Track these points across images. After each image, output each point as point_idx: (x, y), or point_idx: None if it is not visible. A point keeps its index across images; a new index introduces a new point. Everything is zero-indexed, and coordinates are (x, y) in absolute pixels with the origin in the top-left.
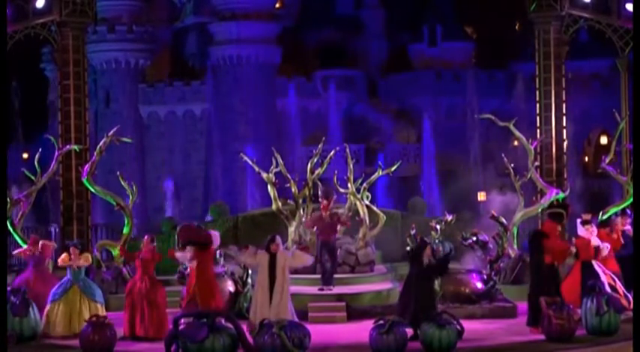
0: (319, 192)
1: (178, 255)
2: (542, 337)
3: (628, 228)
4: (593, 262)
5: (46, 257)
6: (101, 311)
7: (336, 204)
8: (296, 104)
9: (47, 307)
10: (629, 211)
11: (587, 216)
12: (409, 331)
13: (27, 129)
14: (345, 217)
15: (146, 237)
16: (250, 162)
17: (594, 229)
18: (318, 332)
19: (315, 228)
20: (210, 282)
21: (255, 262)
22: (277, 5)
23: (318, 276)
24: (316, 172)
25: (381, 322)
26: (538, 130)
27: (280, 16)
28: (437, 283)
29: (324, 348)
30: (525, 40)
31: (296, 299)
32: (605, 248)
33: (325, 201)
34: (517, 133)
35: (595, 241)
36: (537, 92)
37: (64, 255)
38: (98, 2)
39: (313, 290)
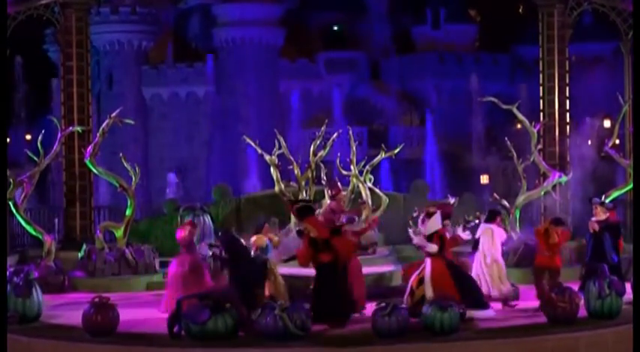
0: (321, 177)
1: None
2: (544, 320)
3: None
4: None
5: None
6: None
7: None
8: (299, 86)
9: None
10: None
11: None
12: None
13: (30, 111)
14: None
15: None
16: (253, 144)
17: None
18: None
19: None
20: None
21: None
22: None
23: None
24: (319, 154)
25: (383, 304)
26: (541, 113)
27: None
28: None
29: (326, 330)
30: (529, 22)
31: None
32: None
33: (340, 190)
34: (520, 116)
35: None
36: (541, 75)
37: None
38: None
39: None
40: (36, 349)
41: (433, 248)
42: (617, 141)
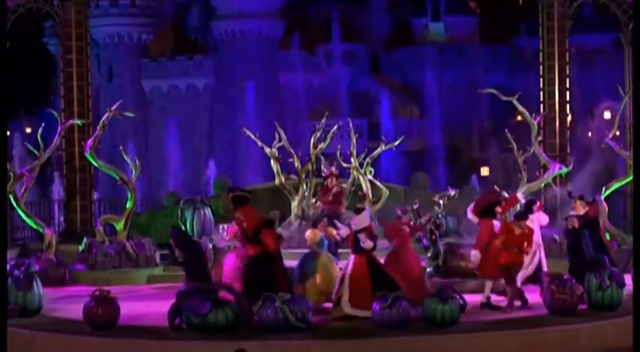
0: (322, 167)
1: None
2: (544, 311)
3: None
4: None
5: None
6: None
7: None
8: (299, 78)
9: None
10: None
11: None
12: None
13: (30, 104)
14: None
15: None
16: (253, 137)
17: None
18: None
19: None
20: None
21: None
22: None
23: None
24: (319, 147)
25: (384, 296)
26: (541, 105)
27: None
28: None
29: (325, 323)
30: (529, 14)
31: None
32: None
33: (332, 168)
34: (520, 108)
35: None
36: (541, 67)
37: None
38: None
39: None
40: (37, 342)
41: (369, 244)
42: (618, 133)
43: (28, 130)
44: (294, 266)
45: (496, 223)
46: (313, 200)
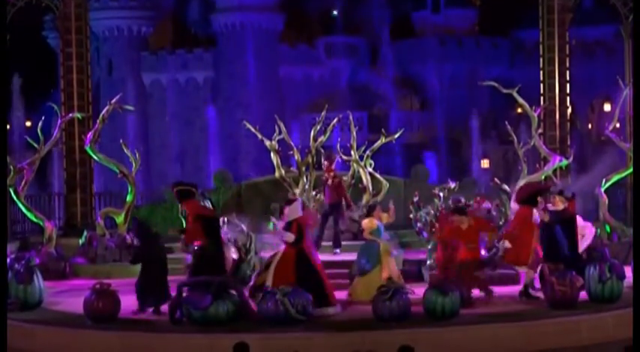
0: (322, 160)
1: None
2: (544, 304)
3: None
4: None
5: None
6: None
7: (339, 171)
8: (299, 71)
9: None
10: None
11: None
12: None
13: (29, 98)
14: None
15: None
16: (253, 130)
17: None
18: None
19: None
20: None
21: None
22: None
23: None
24: (319, 140)
25: (384, 289)
26: (541, 97)
27: None
28: None
29: (327, 315)
30: (529, 6)
31: None
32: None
33: (327, 162)
34: (520, 100)
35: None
36: (541, 59)
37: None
38: None
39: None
40: (37, 335)
41: (290, 237)
42: (618, 125)
43: (28, 124)
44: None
45: (535, 213)
46: (313, 193)
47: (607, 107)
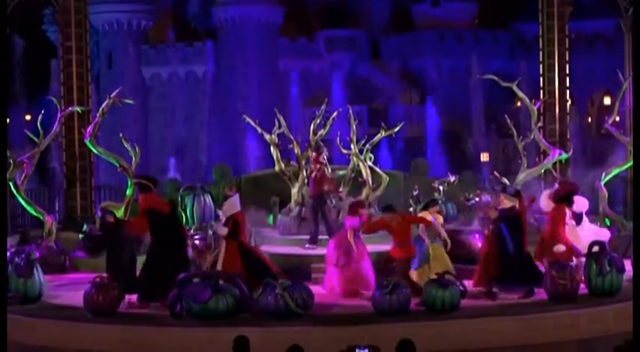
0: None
1: None
2: (544, 297)
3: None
4: None
5: None
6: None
7: (338, 164)
8: (298, 65)
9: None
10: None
11: None
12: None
13: (29, 91)
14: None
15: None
16: (253, 123)
17: None
18: (321, 292)
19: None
20: None
21: None
22: None
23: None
24: (319, 133)
25: (384, 283)
26: (541, 91)
27: None
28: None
29: (327, 309)
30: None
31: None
32: None
33: (314, 154)
34: (520, 94)
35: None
36: (540, 52)
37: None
38: None
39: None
40: (37, 329)
41: (223, 230)
42: (618, 119)
43: (28, 117)
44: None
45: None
46: None
47: (607, 100)
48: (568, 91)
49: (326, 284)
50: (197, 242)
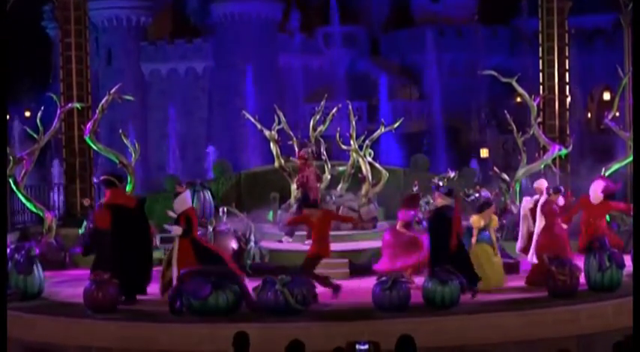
0: (321, 152)
1: None
2: (545, 293)
3: None
4: None
5: None
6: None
7: (338, 160)
8: (298, 61)
9: None
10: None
11: None
12: None
13: (29, 88)
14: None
15: None
16: (253, 120)
17: None
18: (320, 288)
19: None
20: None
21: None
22: None
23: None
24: (319, 129)
25: (384, 278)
26: (541, 86)
27: None
28: None
29: (326, 305)
30: None
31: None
32: None
33: (299, 150)
34: (520, 89)
35: None
36: (540, 48)
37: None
38: None
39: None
40: (37, 325)
41: (177, 230)
42: (617, 114)
43: (28, 114)
44: None
45: None
46: None
47: (606, 96)
48: (568, 87)
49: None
50: None
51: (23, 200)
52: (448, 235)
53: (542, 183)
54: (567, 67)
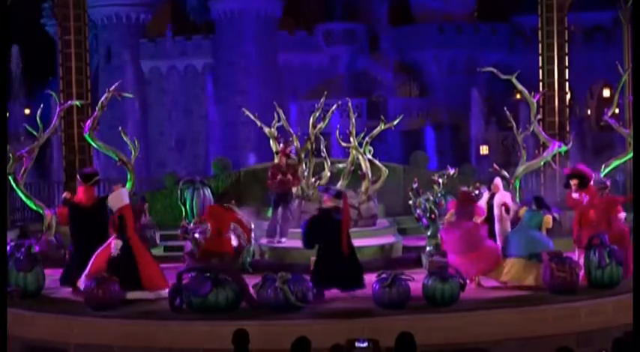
0: (321, 149)
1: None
2: (544, 289)
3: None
4: None
5: None
6: None
7: (337, 158)
8: (297, 58)
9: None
10: None
11: None
12: None
13: (28, 85)
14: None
15: None
16: (252, 117)
17: None
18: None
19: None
20: None
21: None
22: None
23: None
24: (318, 126)
25: (384, 275)
26: (540, 83)
27: None
28: None
29: (327, 302)
30: None
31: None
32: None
33: (282, 146)
34: (519, 86)
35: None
36: (540, 45)
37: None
38: None
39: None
40: (38, 323)
41: (117, 245)
42: (617, 111)
43: (27, 111)
44: None
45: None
46: (313, 180)
47: (606, 92)
48: (567, 84)
49: None
50: (197, 235)
51: (23, 197)
52: (338, 237)
53: (499, 182)
54: (567, 64)
